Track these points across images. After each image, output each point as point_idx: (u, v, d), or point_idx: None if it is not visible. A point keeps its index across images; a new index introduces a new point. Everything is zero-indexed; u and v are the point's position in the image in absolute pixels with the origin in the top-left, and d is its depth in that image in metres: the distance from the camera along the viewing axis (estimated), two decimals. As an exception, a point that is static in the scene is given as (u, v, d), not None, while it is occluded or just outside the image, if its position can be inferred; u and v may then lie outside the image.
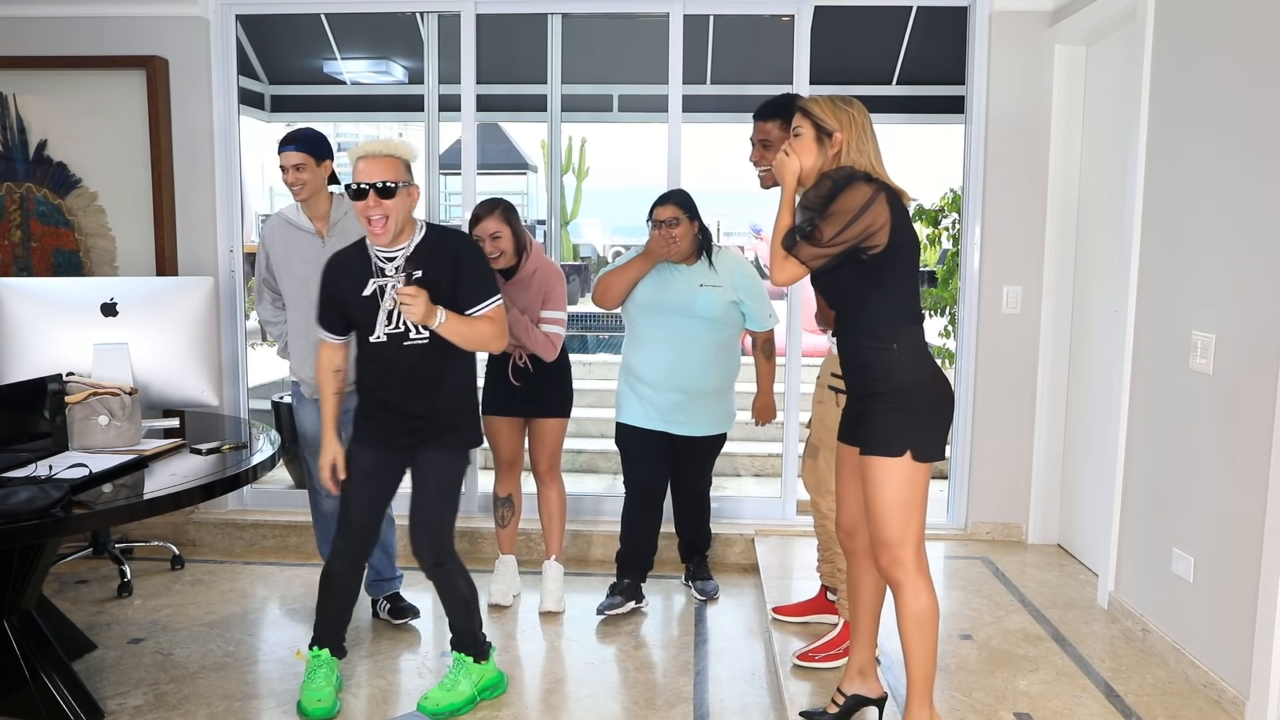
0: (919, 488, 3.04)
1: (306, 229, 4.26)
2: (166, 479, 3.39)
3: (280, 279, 4.30)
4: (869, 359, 3.07)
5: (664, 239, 4.42)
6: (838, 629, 3.93)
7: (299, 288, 4.24)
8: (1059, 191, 5.25)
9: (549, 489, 4.72)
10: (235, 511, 5.74)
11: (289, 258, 4.25)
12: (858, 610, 3.35)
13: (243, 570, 5.26)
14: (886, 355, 3.04)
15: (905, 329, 3.05)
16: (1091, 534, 5.00)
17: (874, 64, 7.64)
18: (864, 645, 3.36)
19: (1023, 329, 5.36)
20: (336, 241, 4.18)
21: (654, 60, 5.74)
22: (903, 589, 3.05)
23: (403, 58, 8.49)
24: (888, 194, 2.99)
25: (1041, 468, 5.41)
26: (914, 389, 3.03)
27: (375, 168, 3.40)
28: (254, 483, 4.35)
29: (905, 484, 3.02)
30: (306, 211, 4.26)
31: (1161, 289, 4.08)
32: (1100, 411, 4.88)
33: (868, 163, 3.04)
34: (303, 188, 4.17)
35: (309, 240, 4.25)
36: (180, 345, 4.07)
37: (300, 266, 4.24)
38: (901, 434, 3.02)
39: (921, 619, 3.04)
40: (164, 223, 5.48)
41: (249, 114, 8.13)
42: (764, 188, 3.93)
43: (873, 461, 3.04)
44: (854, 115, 3.06)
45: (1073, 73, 5.20)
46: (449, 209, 18.36)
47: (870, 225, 2.95)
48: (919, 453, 3.02)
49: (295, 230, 4.27)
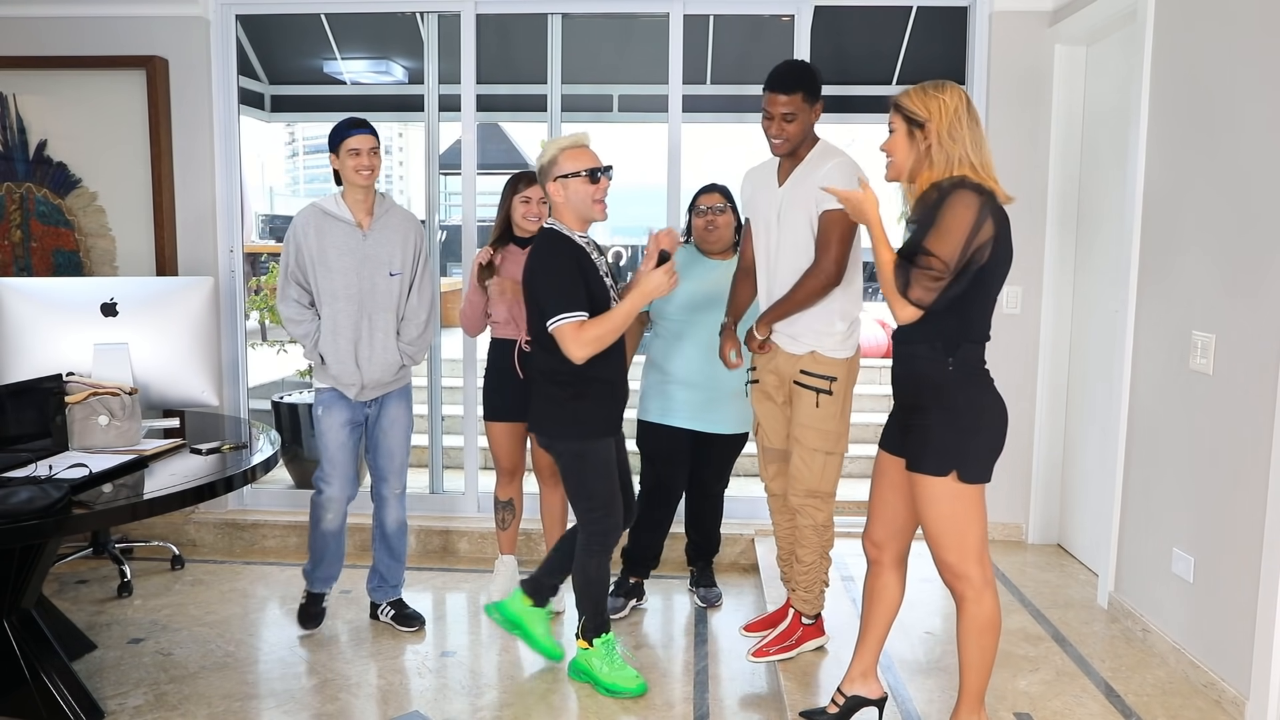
0: (970, 503, 2.99)
1: (346, 220, 4.18)
2: (166, 479, 3.39)
3: (315, 272, 4.16)
4: (921, 370, 3.00)
5: (705, 227, 4.55)
6: (788, 620, 4.01)
7: (336, 281, 4.15)
8: (1059, 191, 5.25)
9: (553, 493, 4.70)
10: (235, 511, 5.75)
11: (325, 250, 4.15)
12: (872, 616, 3.32)
13: (243, 570, 5.26)
14: (940, 370, 2.97)
15: (966, 346, 2.96)
16: (1091, 534, 5.00)
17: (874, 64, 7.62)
18: (870, 650, 3.34)
19: (1023, 329, 5.37)
20: (379, 235, 4.20)
21: (654, 60, 5.73)
22: (965, 602, 3.03)
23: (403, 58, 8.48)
24: (993, 205, 2.88)
25: (1041, 467, 5.41)
26: (965, 409, 2.97)
27: (594, 155, 3.76)
28: (254, 482, 4.36)
29: (953, 501, 2.97)
30: (350, 202, 4.20)
31: (1161, 289, 4.08)
32: (1100, 411, 4.88)
33: (963, 152, 2.89)
34: (372, 173, 4.15)
35: (348, 231, 4.17)
36: (180, 345, 4.07)
37: (338, 259, 4.15)
38: (948, 454, 2.95)
39: (983, 630, 3.02)
40: (164, 223, 5.48)
41: (249, 114, 8.12)
42: (777, 154, 3.83)
43: (919, 480, 3.01)
44: (945, 101, 2.92)
45: (1073, 73, 5.20)
46: (449, 209, 18.37)
47: (982, 243, 2.86)
48: (965, 474, 2.96)
49: (333, 221, 4.17)
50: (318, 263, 4.15)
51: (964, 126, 2.91)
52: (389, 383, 4.32)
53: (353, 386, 4.22)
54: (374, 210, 4.23)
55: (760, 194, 3.92)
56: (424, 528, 5.55)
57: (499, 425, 4.56)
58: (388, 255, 4.22)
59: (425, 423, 6.10)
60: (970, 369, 2.97)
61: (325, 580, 4.51)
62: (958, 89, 2.95)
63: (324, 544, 4.40)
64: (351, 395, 4.24)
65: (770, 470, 4.12)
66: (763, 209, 3.89)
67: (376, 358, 4.21)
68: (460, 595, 4.97)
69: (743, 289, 4.13)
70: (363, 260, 4.17)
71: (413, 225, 4.34)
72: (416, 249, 4.32)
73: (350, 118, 4.17)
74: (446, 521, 5.65)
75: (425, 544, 5.54)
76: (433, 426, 5.96)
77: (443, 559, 5.48)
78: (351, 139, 4.11)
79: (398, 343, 4.26)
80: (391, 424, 4.40)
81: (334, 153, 4.17)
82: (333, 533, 4.38)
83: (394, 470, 4.46)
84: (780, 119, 3.71)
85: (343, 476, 4.29)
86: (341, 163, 4.15)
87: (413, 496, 5.81)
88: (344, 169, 4.15)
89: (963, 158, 2.90)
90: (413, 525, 5.46)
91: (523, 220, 4.45)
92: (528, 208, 4.45)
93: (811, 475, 3.86)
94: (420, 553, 5.52)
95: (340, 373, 4.21)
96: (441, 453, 6.00)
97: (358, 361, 4.20)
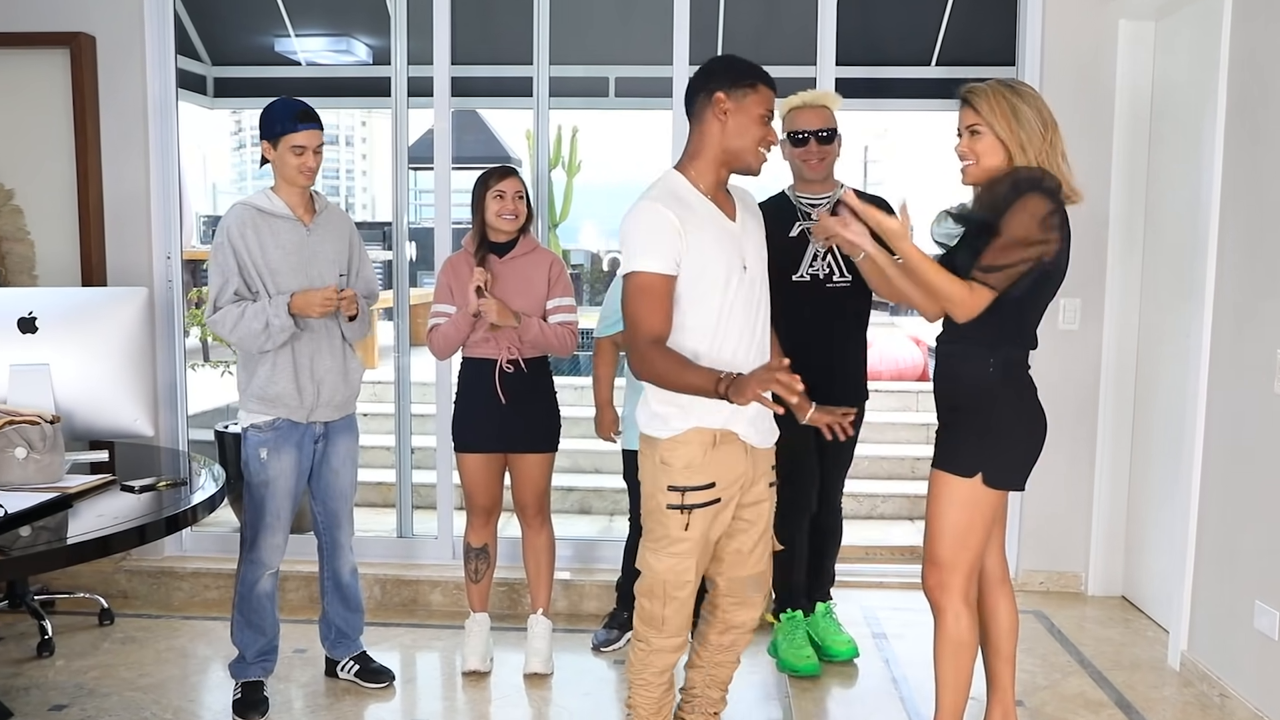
0: (984, 513, 3.29)
1: (285, 215, 4.16)
2: (93, 520, 3.39)
3: (260, 277, 4.12)
4: (959, 370, 3.33)
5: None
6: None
7: (283, 284, 4.13)
8: (1124, 188, 5.27)
9: (537, 534, 4.70)
10: (173, 558, 5.74)
11: (267, 251, 4.12)
12: (991, 655, 3.59)
13: (181, 626, 5.26)
14: (980, 371, 3.27)
15: (1008, 349, 3.27)
16: (1161, 584, 5.00)
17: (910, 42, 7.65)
18: (1005, 692, 3.59)
19: (1082, 347, 5.39)
20: (323, 233, 4.22)
21: (657, 38, 5.75)
22: (944, 614, 3.37)
23: (366, 35, 8.51)
24: (1062, 210, 3.19)
25: (1103, 507, 5.42)
26: (1003, 411, 3.26)
27: (815, 116, 4.10)
28: (194, 525, 4.36)
29: (969, 506, 3.27)
30: (286, 198, 4.18)
31: (1243, 302, 4.09)
32: (1171, 443, 4.89)
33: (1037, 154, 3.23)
34: (314, 174, 4.16)
35: (290, 228, 4.16)
36: (110, 366, 4.07)
37: (283, 259, 4.13)
38: (977, 454, 3.26)
39: (959, 647, 3.37)
40: (90, 225, 5.49)
41: (189, 99, 8.15)
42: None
43: (940, 476, 3.32)
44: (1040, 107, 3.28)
45: (1139, 52, 5.23)
46: (419, 209, 18.35)
47: (1044, 251, 3.15)
48: (991, 477, 3.26)
49: (270, 218, 4.15)
50: (261, 266, 4.13)
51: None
52: (340, 404, 4.32)
53: (302, 408, 4.21)
54: (314, 206, 4.26)
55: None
56: (390, 577, 5.55)
57: (473, 457, 4.55)
58: (335, 253, 4.25)
59: (392, 456, 6.10)
60: (1011, 372, 3.29)
61: (264, 660, 4.37)
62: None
63: (261, 612, 4.31)
64: (301, 417, 4.22)
65: None
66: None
67: (334, 369, 4.24)
68: (432, 655, 4.97)
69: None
70: (310, 259, 4.19)
71: (349, 224, 4.42)
72: (354, 250, 4.38)
73: (294, 103, 4.12)
74: (416, 570, 5.64)
75: (391, 595, 5.54)
76: (401, 460, 5.96)
77: (411, 613, 5.48)
78: (297, 134, 4.09)
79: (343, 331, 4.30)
80: (343, 461, 4.41)
81: (269, 142, 4.13)
82: (268, 594, 4.32)
83: (347, 513, 4.48)
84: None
85: (285, 531, 4.29)
86: (280, 157, 4.12)
87: (378, 541, 5.83)
88: (282, 165, 4.13)
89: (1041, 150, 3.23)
90: (377, 574, 5.48)
91: (496, 219, 4.41)
92: (502, 204, 4.41)
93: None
94: (385, 605, 5.51)
95: (285, 391, 4.18)
96: (411, 491, 6.00)
97: (312, 374, 4.21)
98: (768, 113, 3.27)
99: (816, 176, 4.41)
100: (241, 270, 4.13)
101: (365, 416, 5.96)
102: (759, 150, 3.28)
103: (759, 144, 3.27)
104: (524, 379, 4.48)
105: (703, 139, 3.27)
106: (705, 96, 3.24)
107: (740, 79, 3.23)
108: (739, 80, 3.23)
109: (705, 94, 3.24)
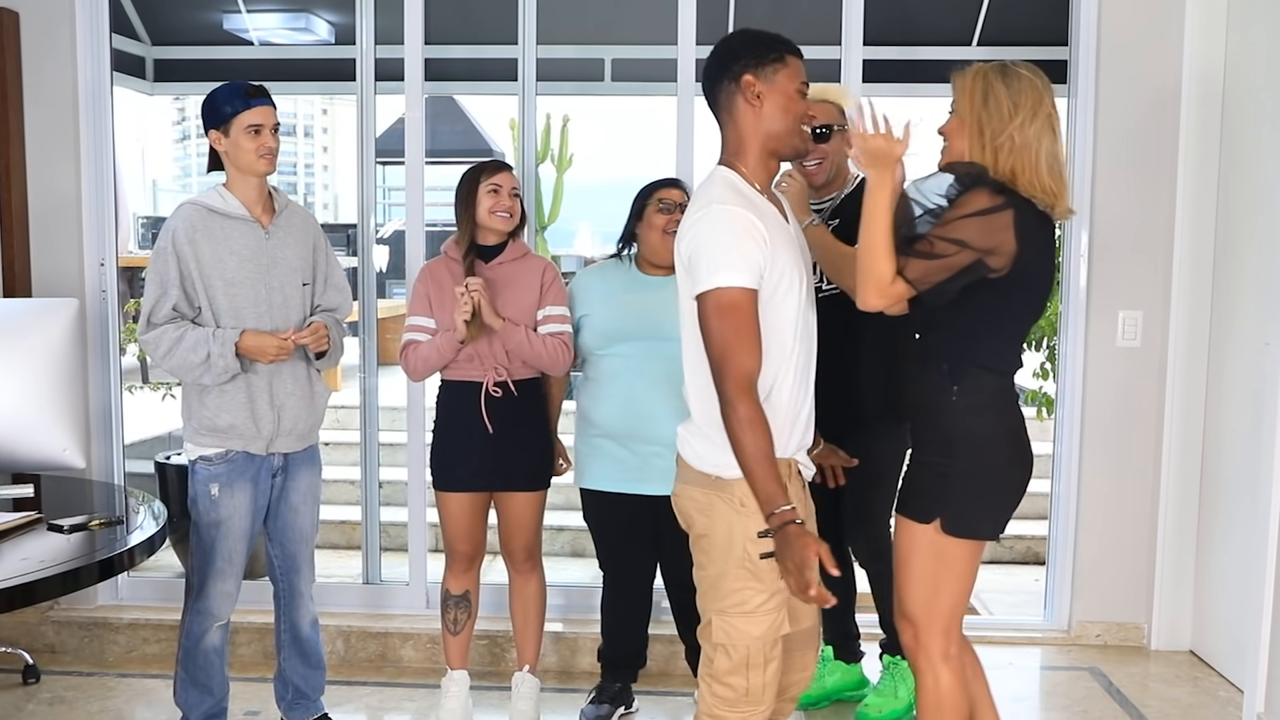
0: (953, 565, 3.26)
1: (240, 215, 4.13)
2: (17, 564, 3.38)
3: (211, 289, 4.09)
4: (922, 398, 3.31)
5: (666, 228, 4.40)
6: None
7: (240, 296, 4.11)
8: (1192, 183, 5.27)
9: (527, 581, 4.69)
10: (107, 607, 5.73)
11: (221, 258, 4.08)
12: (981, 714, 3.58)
13: (117, 685, 5.25)
14: (942, 399, 3.24)
15: (976, 374, 3.22)
16: (1234, 638, 4.99)
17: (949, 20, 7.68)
18: None
19: (1143, 366, 5.39)
20: (283, 236, 4.19)
21: (658, 15, 5.76)
22: (923, 676, 3.38)
23: (328, 11, 8.54)
24: (1020, 211, 3.13)
25: (1168, 552, 5.41)
26: (964, 447, 3.22)
27: (818, 112, 3.88)
28: (132, 570, 4.34)
29: (930, 556, 3.26)
30: (241, 195, 4.15)
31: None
32: (1246, 475, 4.88)
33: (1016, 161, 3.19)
34: (274, 157, 4.14)
35: (247, 230, 4.13)
36: (35, 389, 4.06)
37: (239, 267, 4.10)
38: (934, 498, 3.24)
39: (939, 709, 3.35)
40: (13, 227, 5.49)
41: (125, 84, 8.17)
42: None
43: (899, 521, 3.34)
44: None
45: (1211, 24, 5.21)
46: (388, 209, 18.34)
47: (990, 248, 3.11)
48: (951, 524, 3.21)
49: (223, 220, 4.12)
50: (213, 276, 4.09)
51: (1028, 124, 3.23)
52: (304, 433, 4.31)
53: (260, 438, 4.19)
54: (274, 205, 4.24)
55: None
56: (355, 629, 5.53)
57: (455, 496, 4.52)
58: (297, 260, 4.24)
59: (358, 491, 6.09)
60: (981, 401, 3.22)
61: None
62: (1033, 79, 3.29)
63: (209, 669, 4.29)
64: (259, 449, 4.19)
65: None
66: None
67: (296, 393, 4.23)
68: (403, 717, 4.97)
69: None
70: (269, 267, 4.16)
71: (313, 226, 4.39)
72: (319, 254, 4.36)
73: (241, 84, 4.10)
74: (385, 621, 5.62)
75: (356, 650, 5.52)
76: (368, 496, 5.95)
77: (379, 670, 5.46)
78: (250, 112, 4.06)
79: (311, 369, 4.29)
80: (304, 499, 4.39)
81: (219, 130, 4.10)
82: (216, 649, 4.30)
83: (307, 558, 4.46)
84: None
85: (238, 578, 4.27)
86: (234, 143, 4.08)
87: (342, 588, 5.82)
88: (237, 152, 4.09)
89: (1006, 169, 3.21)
90: (341, 626, 5.46)
91: (489, 218, 4.39)
92: (497, 200, 4.38)
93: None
94: (349, 661, 5.50)
95: (238, 421, 4.14)
96: (379, 531, 5.99)
97: (271, 399, 4.19)
98: (804, 85, 3.21)
99: (815, 182, 4.38)
100: (184, 281, 4.09)
101: (327, 446, 5.93)
102: (803, 130, 3.22)
103: (801, 121, 3.21)
104: (513, 404, 4.44)
105: (740, 131, 3.19)
106: (731, 82, 3.16)
107: (766, 54, 3.16)
108: (765, 55, 3.15)
109: (730, 79, 3.16)
